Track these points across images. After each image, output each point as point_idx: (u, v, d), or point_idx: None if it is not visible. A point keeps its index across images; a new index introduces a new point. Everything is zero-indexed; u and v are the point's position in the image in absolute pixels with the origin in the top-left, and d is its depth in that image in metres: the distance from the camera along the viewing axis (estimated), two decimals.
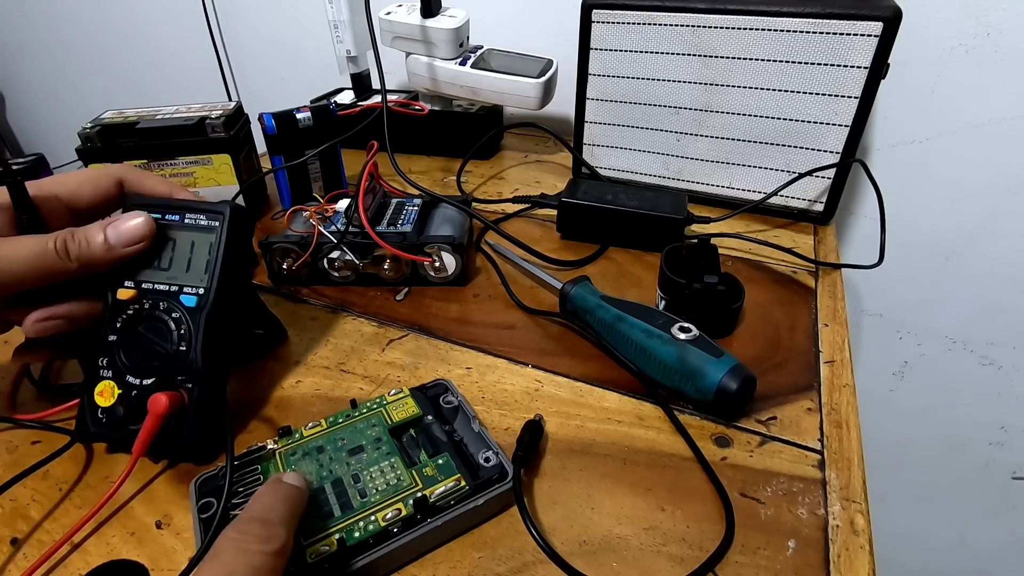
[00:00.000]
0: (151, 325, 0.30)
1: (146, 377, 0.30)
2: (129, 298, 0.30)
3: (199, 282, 0.31)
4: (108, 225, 0.30)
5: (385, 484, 0.27)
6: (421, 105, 0.67)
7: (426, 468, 0.28)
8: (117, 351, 0.30)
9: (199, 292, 0.30)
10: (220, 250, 0.31)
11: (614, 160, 0.59)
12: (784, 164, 0.52)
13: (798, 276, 0.46)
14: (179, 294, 0.30)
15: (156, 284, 0.31)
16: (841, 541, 0.27)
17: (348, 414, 0.31)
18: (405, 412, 0.31)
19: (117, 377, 0.30)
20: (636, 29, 0.51)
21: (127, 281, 0.31)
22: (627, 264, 0.49)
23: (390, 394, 0.32)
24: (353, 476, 0.27)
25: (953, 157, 0.63)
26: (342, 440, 0.29)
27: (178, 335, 0.30)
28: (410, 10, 0.62)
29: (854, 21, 0.44)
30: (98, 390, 0.30)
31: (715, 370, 0.31)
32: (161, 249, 0.31)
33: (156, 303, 0.30)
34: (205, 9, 0.98)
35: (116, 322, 0.30)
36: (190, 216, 0.31)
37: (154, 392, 0.28)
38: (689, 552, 0.26)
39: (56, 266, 0.28)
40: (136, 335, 0.30)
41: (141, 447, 0.28)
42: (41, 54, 1.27)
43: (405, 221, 0.46)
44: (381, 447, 0.29)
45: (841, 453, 0.31)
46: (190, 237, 0.31)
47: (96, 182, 0.32)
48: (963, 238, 0.67)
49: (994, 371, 0.73)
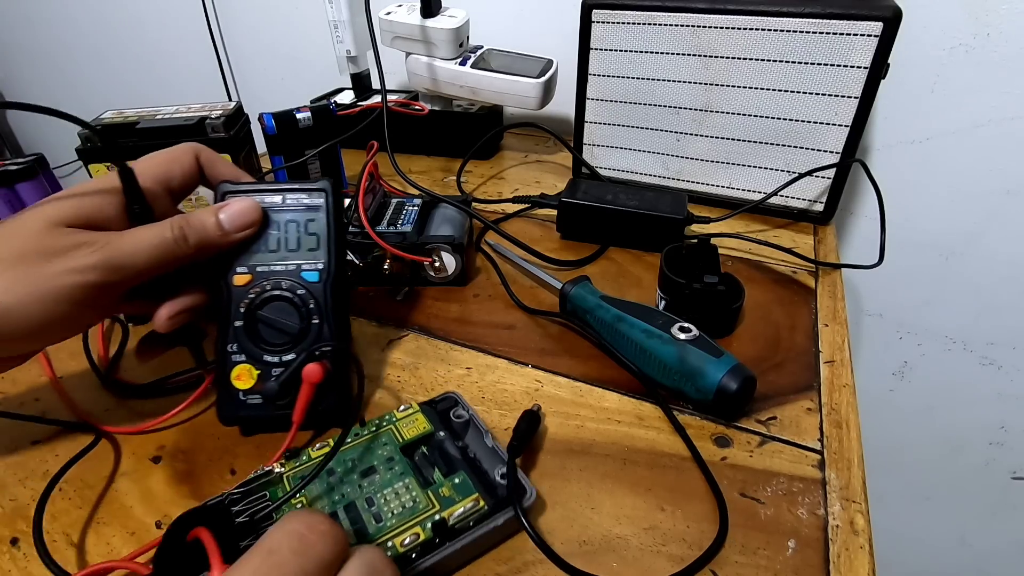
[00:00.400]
0: (275, 305, 0.31)
1: (284, 353, 0.31)
2: (246, 283, 0.31)
3: (316, 257, 0.31)
4: (220, 210, 0.30)
5: (401, 507, 0.26)
6: (421, 105, 0.67)
7: (442, 488, 0.27)
8: (246, 335, 0.31)
9: (319, 267, 0.31)
10: (332, 224, 0.32)
11: (614, 160, 0.59)
12: (784, 164, 0.52)
13: (798, 276, 0.46)
14: (299, 271, 0.31)
15: (272, 266, 0.31)
16: (841, 541, 0.26)
17: (357, 432, 0.30)
18: (416, 429, 0.30)
19: (252, 359, 0.31)
20: (636, 29, 0.51)
21: (238, 267, 0.31)
22: (627, 264, 0.49)
23: (399, 410, 0.31)
24: (367, 500, 0.26)
25: (953, 157, 0.63)
26: (352, 461, 0.28)
27: (307, 310, 0.31)
28: (410, 10, 0.62)
29: (854, 21, 0.44)
30: (235, 375, 0.31)
31: (715, 370, 0.31)
32: (266, 233, 0.32)
33: (277, 284, 0.31)
34: (205, 9, 0.98)
35: (239, 307, 0.31)
36: (291, 197, 0.32)
37: (298, 366, 0.30)
38: (689, 552, 0.26)
39: (175, 253, 0.28)
40: (260, 317, 0.31)
41: (301, 415, 0.29)
42: (41, 55, 1.27)
43: (405, 221, 0.46)
44: (394, 467, 0.28)
45: (841, 453, 0.31)
46: (295, 217, 0.32)
47: (181, 161, 0.32)
48: (963, 238, 0.67)
49: (994, 371, 0.73)
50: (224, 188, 0.32)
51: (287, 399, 0.30)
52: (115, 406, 0.35)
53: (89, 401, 0.36)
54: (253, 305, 0.31)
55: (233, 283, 0.31)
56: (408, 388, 0.36)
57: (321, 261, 0.31)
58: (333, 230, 0.32)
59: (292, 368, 0.30)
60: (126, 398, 0.36)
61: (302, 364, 0.30)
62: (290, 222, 0.32)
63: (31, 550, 0.27)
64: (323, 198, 0.32)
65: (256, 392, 0.31)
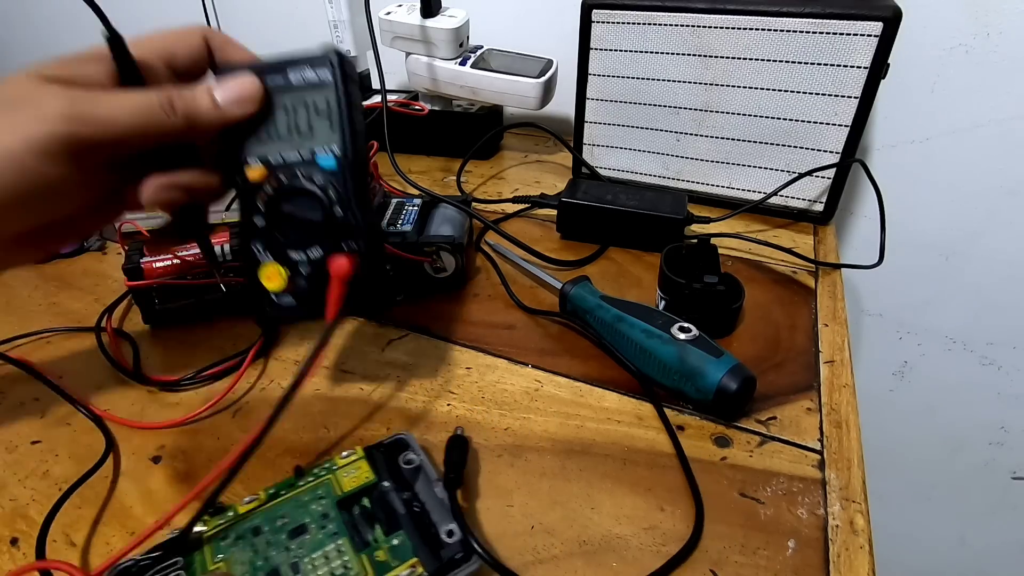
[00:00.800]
0: (295, 198, 0.28)
1: (310, 248, 0.29)
2: (262, 177, 0.29)
3: (330, 140, 0.28)
4: (215, 86, 0.27)
5: (329, 574, 0.23)
6: (421, 105, 0.67)
7: (378, 552, 0.24)
8: (270, 232, 0.29)
9: (334, 150, 0.28)
10: (342, 99, 0.28)
11: (614, 160, 0.59)
12: (784, 164, 0.52)
13: (798, 276, 0.46)
14: (314, 158, 0.28)
15: (284, 155, 0.29)
16: (841, 541, 0.27)
17: (292, 483, 0.27)
18: (357, 480, 0.27)
19: (280, 258, 0.29)
20: (636, 29, 0.51)
21: (250, 160, 0.29)
22: (627, 264, 0.49)
23: (341, 456, 0.29)
24: (292, 565, 0.24)
25: (953, 157, 0.63)
26: (283, 518, 0.26)
27: (328, 199, 0.28)
28: (410, 10, 0.62)
29: (854, 21, 0.44)
30: (264, 276, 0.29)
31: (715, 370, 0.31)
32: (272, 119, 0.29)
33: (293, 174, 0.28)
34: (205, 9, 0.98)
35: (258, 203, 0.29)
36: (294, 73, 0.28)
37: (322, 261, 0.28)
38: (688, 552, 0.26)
39: (162, 124, 0.25)
40: (283, 212, 0.29)
41: (335, 309, 0.27)
42: (41, 54, 1.27)
43: (405, 221, 0.46)
44: (327, 525, 0.25)
45: (841, 453, 0.31)
46: (301, 97, 0.28)
47: (187, 40, 0.29)
48: (963, 238, 0.67)
49: (994, 371, 0.73)
50: (221, 72, 0.29)
51: (321, 295, 0.28)
52: (121, 402, 0.36)
53: (94, 398, 0.36)
54: (272, 200, 0.29)
55: (247, 176, 0.29)
56: (408, 388, 0.36)
57: (336, 144, 0.28)
58: (345, 107, 0.28)
59: (318, 258, 0.28)
60: (161, 391, 0.37)
61: (321, 261, 0.28)
62: (297, 104, 0.28)
63: (31, 550, 0.27)
64: (328, 71, 0.28)
65: (288, 293, 0.29)
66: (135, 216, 0.53)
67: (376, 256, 0.29)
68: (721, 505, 0.28)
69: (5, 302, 0.46)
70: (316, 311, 0.28)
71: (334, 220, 0.28)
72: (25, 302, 0.46)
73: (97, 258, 0.52)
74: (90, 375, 0.38)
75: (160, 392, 0.37)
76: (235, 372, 0.37)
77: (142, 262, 0.40)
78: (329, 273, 0.28)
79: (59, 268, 0.50)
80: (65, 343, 0.41)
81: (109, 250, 0.53)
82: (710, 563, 0.26)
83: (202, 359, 0.39)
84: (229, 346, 0.40)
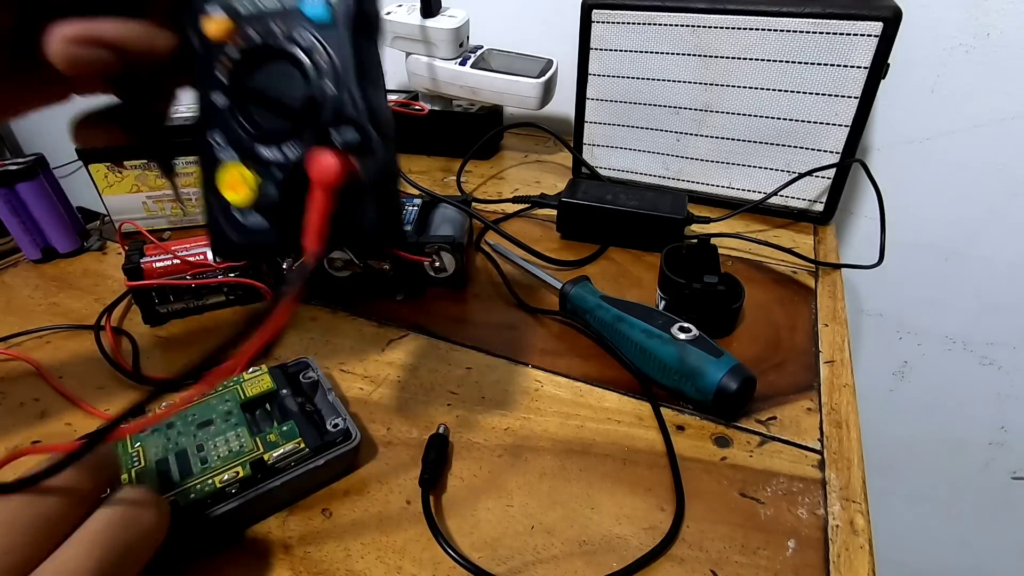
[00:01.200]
0: (269, 67, 0.20)
1: (285, 143, 0.20)
2: (224, 33, 0.20)
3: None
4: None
5: (228, 451, 0.28)
6: (421, 105, 0.67)
7: (270, 435, 0.29)
8: (234, 117, 0.21)
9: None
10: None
11: (614, 160, 0.59)
12: (784, 164, 0.52)
13: (798, 276, 0.46)
14: (297, 8, 0.20)
15: (260, 2, 0.20)
16: (841, 541, 0.27)
17: (204, 392, 0.31)
18: (259, 388, 0.31)
19: (246, 156, 0.21)
20: (636, 29, 0.51)
21: (208, 6, 0.20)
22: (627, 264, 0.49)
23: (248, 372, 0.33)
24: (198, 446, 0.28)
25: (953, 157, 0.63)
26: (193, 416, 0.30)
27: (315, 69, 0.20)
28: (410, 10, 0.62)
29: (854, 21, 0.44)
30: (225, 181, 0.21)
31: (715, 370, 0.31)
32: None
33: (268, 31, 0.20)
34: None
35: (217, 73, 0.21)
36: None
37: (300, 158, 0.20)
38: (689, 552, 0.26)
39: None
40: (252, 88, 0.20)
41: (317, 237, 0.19)
42: None
43: (405, 221, 0.46)
44: (230, 419, 0.30)
45: (841, 453, 0.31)
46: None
47: None
48: (963, 238, 0.67)
49: (994, 371, 0.73)
50: None
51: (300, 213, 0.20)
52: (121, 402, 0.35)
53: (93, 399, 0.36)
54: (237, 69, 0.20)
55: (205, 32, 0.20)
56: (408, 388, 0.36)
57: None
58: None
59: (293, 158, 0.20)
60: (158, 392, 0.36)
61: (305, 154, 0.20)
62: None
63: None
64: None
65: (257, 209, 0.21)
66: (135, 216, 0.53)
67: (383, 163, 0.20)
68: (721, 505, 0.28)
69: (5, 301, 0.46)
70: (293, 238, 0.20)
71: (322, 100, 0.20)
72: (25, 302, 0.46)
73: (97, 258, 0.52)
74: (90, 375, 0.38)
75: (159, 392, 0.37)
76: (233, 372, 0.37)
77: (142, 262, 0.40)
78: (309, 178, 0.19)
79: (59, 268, 0.50)
80: (65, 343, 0.41)
81: (109, 250, 0.53)
82: (710, 563, 0.26)
83: None
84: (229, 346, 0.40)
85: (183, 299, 0.42)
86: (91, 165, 0.50)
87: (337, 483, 0.30)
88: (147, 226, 0.52)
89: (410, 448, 0.32)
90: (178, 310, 0.42)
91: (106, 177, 0.51)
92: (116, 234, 0.43)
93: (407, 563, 0.26)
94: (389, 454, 0.32)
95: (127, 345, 0.41)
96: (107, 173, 0.51)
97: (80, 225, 0.53)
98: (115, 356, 0.38)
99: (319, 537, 0.27)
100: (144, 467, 0.27)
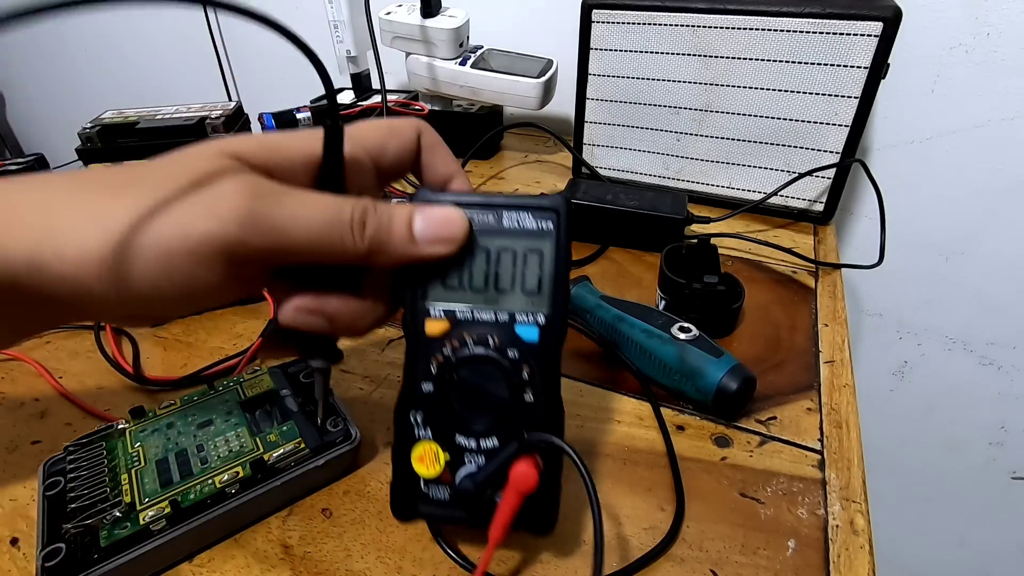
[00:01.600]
0: (477, 368, 0.23)
1: (484, 437, 0.23)
2: (441, 333, 0.23)
3: (536, 306, 0.23)
4: (415, 210, 0.22)
5: (228, 451, 0.28)
6: (421, 105, 0.67)
7: (270, 435, 0.29)
8: (436, 403, 0.24)
9: (539, 321, 0.23)
10: (562, 259, 0.23)
11: (614, 160, 0.59)
12: (784, 164, 0.52)
13: (798, 276, 0.46)
14: (512, 324, 0.23)
15: (476, 312, 0.23)
16: (841, 541, 0.27)
17: (204, 393, 0.32)
18: (259, 388, 0.32)
19: (441, 438, 0.24)
20: (636, 29, 0.51)
21: (432, 309, 0.24)
22: (627, 264, 0.49)
23: (248, 372, 0.33)
24: (198, 446, 0.29)
25: (953, 157, 0.63)
26: (193, 416, 0.30)
27: (518, 380, 0.23)
28: (410, 10, 0.62)
29: (854, 21, 0.44)
30: (416, 455, 0.24)
31: (715, 370, 0.31)
32: (469, 264, 0.23)
33: (483, 338, 0.23)
34: (205, 9, 0.98)
35: (431, 365, 0.23)
36: (510, 216, 0.23)
37: (506, 461, 0.23)
38: (689, 552, 0.26)
39: (343, 241, 0.21)
40: (457, 381, 0.23)
41: (501, 532, 0.22)
42: (41, 54, 1.27)
43: None
44: (230, 419, 0.30)
45: (841, 453, 0.31)
46: (510, 244, 0.23)
47: (401, 134, 0.25)
48: (963, 238, 0.67)
49: (994, 371, 0.73)
50: (422, 196, 0.24)
51: (484, 501, 0.23)
52: (121, 402, 0.36)
53: (93, 399, 0.36)
54: (450, 365, 0.23)
55: (425, 331, 0.24)
56: None
57: (542, 312, 0.23)
58: (563, 269, 0.23)
59: (498, 463, 0.23)
60: (160, 391, 0.37)
61: (510, 459, 0.23)
62: (504, 251, 0.23)
63: (31, 550, 0.27)
64: (552, 221, 0.23)
65: (443, 484, 0.24)
66: None
67: (554, 463, 0.24)
68: (721, 505, 0.28)
69: None
70: (476, 516, 0.23)
71: (520, 407, 0.23)
72: None
73: None
74: (90, 375, 0.38)
75: (160, 392, 0.37)
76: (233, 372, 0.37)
77: None
78: (506, 476, 0.22)
79: None
80: (65, 343, 0.41)
81: None
82: (710, 563, 0.26)
83: (202, 359, 0.39)
84: (229, 346, 0.40)
85: None
86: (91, 165, 0.50)
87: (337, 483, 0.30)
88: None
89: None
90: None
91: None
92: None
93: (407, 563, 0.26)
94: (389, 454, 0.32)
95: (127, 345, 0.41)
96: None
97: None
98: (115, 356, 0.38)
99: (319, 537, 0.27)
100: (144, 467, 0.27)
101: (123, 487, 0.26)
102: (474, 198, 0.24)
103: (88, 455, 0.28)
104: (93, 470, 0.27)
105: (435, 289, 0.24)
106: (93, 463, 0.28)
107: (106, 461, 0.28)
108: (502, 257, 0.23)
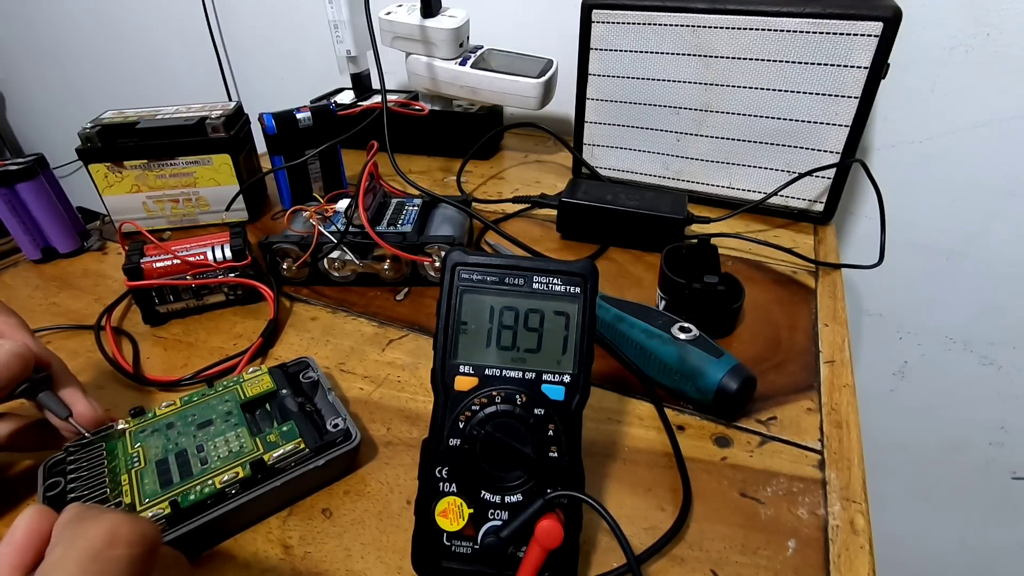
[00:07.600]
0: (504, 423, 0.24)
1: (508, 493, 0.24)
2: (471, 388, 0.25)
3: (562, 366, 0.25)
4: None
5: (228, 452, 0.28)
6: (421, 105, 0.67)
7: (270, 435, 0.29)
8: (461, 459, 0.24)
9: (565, 380, 0.24)
10: (587, 322, 0.25)
11: (614, 160, 0.59)
12: (784, 164, 0.52)
13: (798, 276, 0.46)
14: (539, 383, 0.24)
15: (505, 370, 0.25)
16: (841, 541, 0.26)
17: (204, 393, 0.32)
18: (259, 388, 0.32)
19: (465, 493, 0.24)
20: (636, 29, 0.51)
21: (462, 365, 0.25)
22: (627, 264, 0.49)
23: (248, 372, 0.33)
24: (198, 447, 0.29)
25: (953, 157, 0.63)
26: (193, 416, 0.30)
27: (544, 437, 0.24)
28: (410, 10, 0.62)
29: (854, 21, 0.44)
30: (440, 509, 0.24)
31: (715, 370, 0.31)
32: (500, 323, 0.25)
33: (511, 395, 0.24)
34: (205, 9, 0.98)
35: (459, 421, 0.24)
36: (540, 280, 0.25)
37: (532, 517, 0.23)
38: (689, 552, 0.26)
39: None
40: (483, 437, 0.24)
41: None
42: (41, 54, 1.27)
43: (405, 221, 0.46)
44: (230, 420, 0.30)
45: (841, 453, 0.31)
46: (539, 306, 0.25)
47: None
48: (963, 238, 0.67)
49: (994, 371, 0.73)
50: (453, 259, 0.25)
51: (508, 552, 0.23)
52: (121, 402, 0.35)
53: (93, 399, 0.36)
54: (477, 421, 0.24)
55: (454, 386, 0.25)
56: (408, 388, 0.36)
57: (568, 372, 0.24)
58: (588, 332, 0.25)
59: (525, 518, 0.23)
60: (160, 391, 0.37)
61: (537, 516, 0.23)
62: (532, 313, 0.25)
63: None
64: (579, 286, 0.25)
65: (466, 538, 0.24)
66: (135, 216, 0.53)
67: (575, 519, 0.24)
68: (722, 505, 0.28)
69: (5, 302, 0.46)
70: (501, 571, 0.24)
71: (545, 462, 0.24)
72: (25, 302, 0.46)
73: (97, 258, 0.52)
74: (90, 375, 0.38)
75: (160, 392, 0.37)
76: (233, 372, 0.37)
77: (142, 262, 0.40)
78: (531, 532, 0.23)
79: (59, 268, 0.50)
80: (65, 342, 0.41)
81: (109, 250, 0.53)
82: (710, 563, 0.26)
83: (202, 359, 0.39)
84: (229, 346, 0.40)
85: (183, 299, 0.42)
86: (91, 165, 0.50)
87: (337, 483, 0.30)
88: (147, 226, 0.52)
89: (410, 448, 0.32)
90: (178, 310, 0.42)
91: (106, 177, 0.51)
92: (116, 234, 0.43)
93: (407, 563, 0.26)
94: (389, 454, 0.32)
95: (127, 345, 0.41)
96: (107, 173, 0.51)
97: (80, 225, 0.53)
98: (115, 356, 0.38)
99: (319, 537, 0.27)
100: (144, 467, 0.27)
101: (123, 488, 0.26)
102: (507, 261, 0.25)
103: (88, 456, 0.28)
104: (93, 471, 0.27)
105: (466, 347, 0.25)
106: (93, 464, 0.28)
107: (106, 462, 0.28)
108: (530, 318, 0.25)
